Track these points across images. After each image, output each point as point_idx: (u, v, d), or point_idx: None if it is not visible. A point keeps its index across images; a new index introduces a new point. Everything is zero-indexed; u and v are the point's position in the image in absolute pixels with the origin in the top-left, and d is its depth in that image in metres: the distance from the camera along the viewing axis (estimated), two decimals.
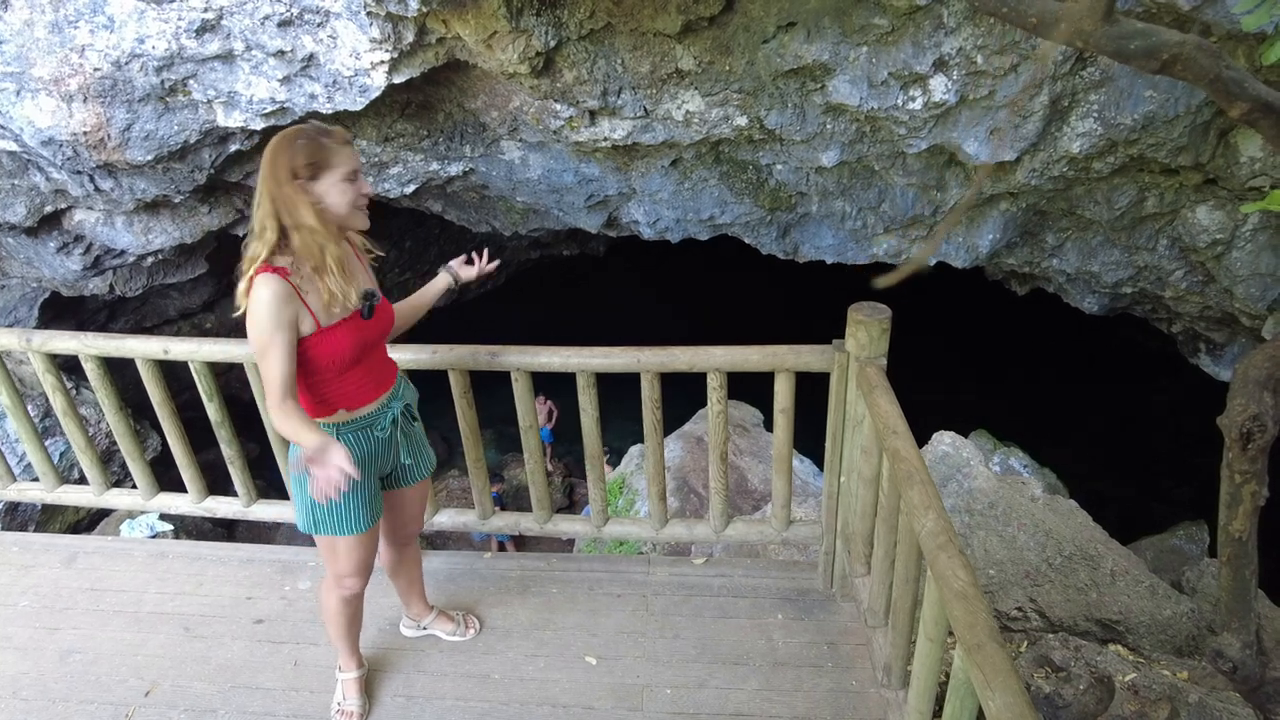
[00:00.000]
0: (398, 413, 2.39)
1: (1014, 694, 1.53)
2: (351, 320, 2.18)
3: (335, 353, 2.15)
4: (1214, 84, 2.01)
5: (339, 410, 2.26)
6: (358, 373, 2.25)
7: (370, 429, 2.32)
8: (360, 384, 2.27)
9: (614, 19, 4.00)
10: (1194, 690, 2.70)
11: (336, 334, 2.15)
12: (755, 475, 5.95)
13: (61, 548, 3.56)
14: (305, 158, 2.01)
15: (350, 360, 2.20)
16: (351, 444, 2.27)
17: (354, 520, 2.34)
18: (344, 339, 2.16)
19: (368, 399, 2.30)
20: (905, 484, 2.12)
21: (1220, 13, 3.30)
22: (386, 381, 2.37)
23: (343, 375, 2.22)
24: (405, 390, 2.48)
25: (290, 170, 2.01)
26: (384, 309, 2.31)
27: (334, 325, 2.14)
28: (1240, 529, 2.80)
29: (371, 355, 2.29)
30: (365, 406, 2.30)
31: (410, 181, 5.74)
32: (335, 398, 2.24)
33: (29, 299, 7.01)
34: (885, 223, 5.37)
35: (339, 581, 2.47)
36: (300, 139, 2.02)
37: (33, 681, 2.87)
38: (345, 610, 2.56)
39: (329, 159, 2.04)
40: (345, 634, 2.63)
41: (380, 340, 2.33)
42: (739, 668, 2.82)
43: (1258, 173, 3.92)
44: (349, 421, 2.28)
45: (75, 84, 4.36)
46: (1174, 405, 10.14)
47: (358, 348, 2.20)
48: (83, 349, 3.12)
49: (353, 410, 2.28)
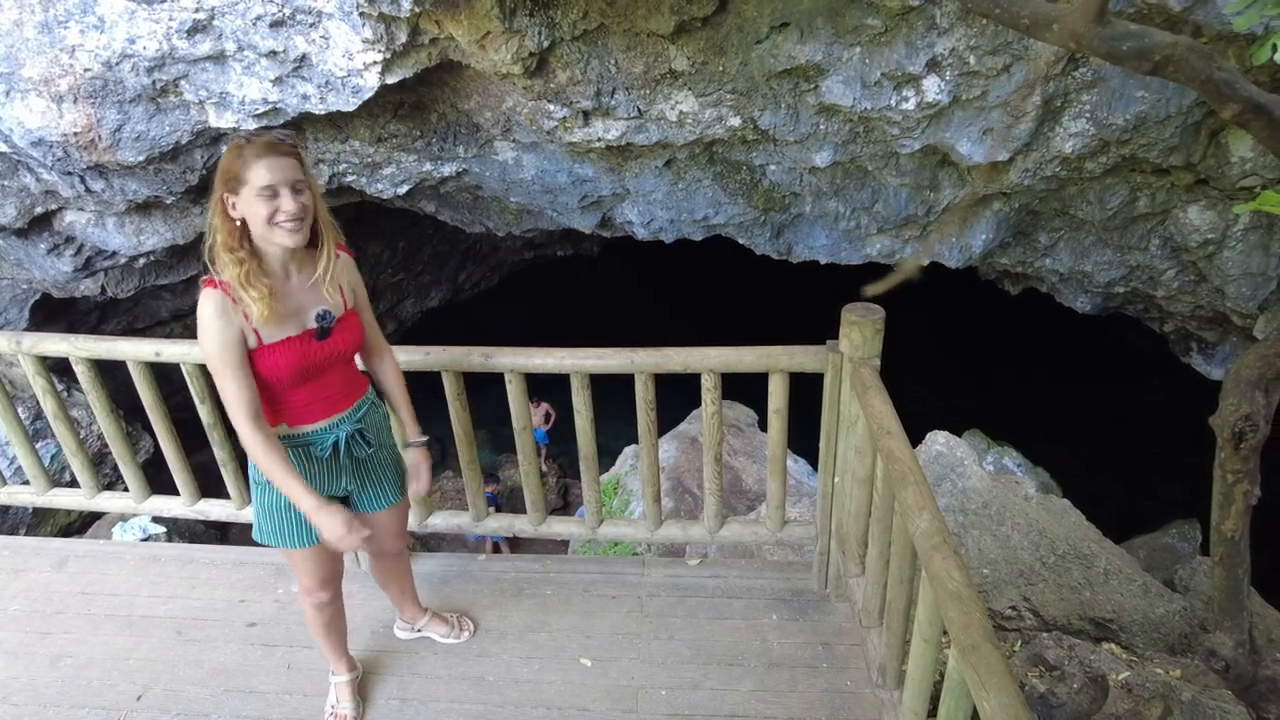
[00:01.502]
0: (343, 437, 2.28)
1: (1009, 694, 1.53)
2: (299, 340, 2.11)
3: (273, 371, 2.09)
4: (1206, 85, 2.02)
5: (281, 424, 2.21)
6: (305, 392, 2.18)
7: (307, 448, 2.25)
8: (306, 403, 2.20)
9: (607, 19, 4.00)
10: (1187, 688, 2.71)
11: (276, 353, 2.08)
12: (749, 476, 5.95)
13: (52, 551, 3.54)
14: (224, 169, 1.97)
15: (291, 379, 2.12)
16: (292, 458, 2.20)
17: (298, 535, 2.30)
18: (283, 359, 2.09)
19: (311, 419, 2.23)
20: (899, 484, 2.12)
21: (1211, 14, 3.31)
22: (339, 404, 2.28)
23: (287, 392, 2.16)
24: (368, 415, 2.38)
25: (218, 180, 1.99)
26: (346, 331, 2.22)
27: (276, 344, 2.08)
28: (1233, 528, 2.81)
29: (324, 376, 2.20)
30: (306, 426, 2.23)
31: (403, 182, 5.73)
32: (278, 410, 2.19)
33: (19, 301, 6.97)
34: (879, 223, 5.38)
35: (306, 591, 2.47)
36: (231, 148, 1.97)
37: (23, 686, 2.84)
38: (319, 617, 2.54)
39: (243, 172, 1.94)
40: (325, 639, 2.62)
41: (337, 362, 2.23)
42: (734, 668, 2.81)
43: (1248, 173, 3.94)
44: (289, 437, 2.22)
45: (65, 84, 4.34)
46: (1166, 404, 10.19)
47: (299, 368, 2.12)
48: (74, 351, 3.10)
49: (293, 426, 2.22)
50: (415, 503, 3.25)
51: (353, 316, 2.27)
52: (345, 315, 2.24)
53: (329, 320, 2.17)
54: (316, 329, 2.14)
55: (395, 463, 2.53)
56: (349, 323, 2.25)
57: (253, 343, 2.06)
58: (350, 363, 2.33)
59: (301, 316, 2.13)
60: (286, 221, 1.98)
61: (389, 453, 2.50)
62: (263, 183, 1.93)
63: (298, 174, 2.00)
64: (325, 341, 2.16)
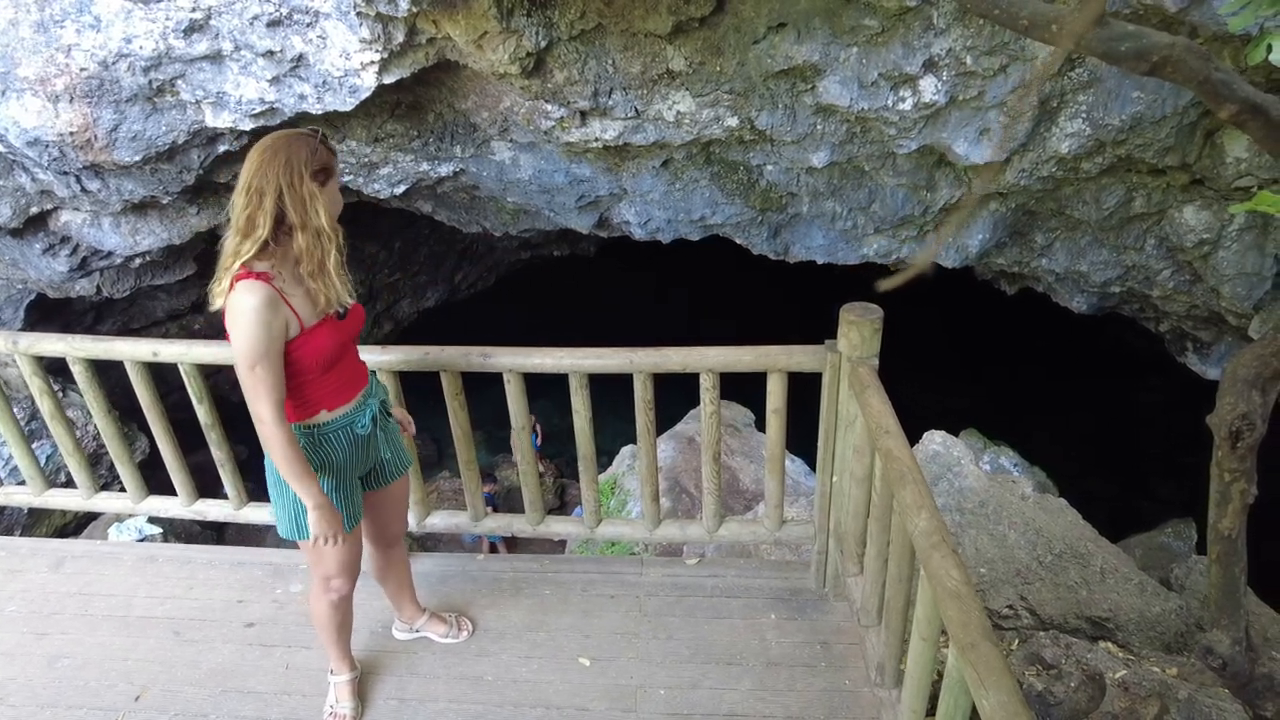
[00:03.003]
0: (375, 409, 2.40)
1: (1008, 692, 1.53)
2: (330, 320, 2.20)
3: (319, 352, 2.16)
4: (1203, 85, 2.03)
5: (320, 411, 2.27)
6: (336, 373, 2.26)
7: (351, 427, 2.33)
8: (339, 384, 2.28)
9: (605, 19, 4.00)
10: (1184, 686, 2.72)
11: (319, 334, 2.16)
12: (747, 475, 5.95)
13: (49, 552, 3.53)
14: (321, 161, 2.05)
15: (328, 361, 2.21)
16: (334, 444, 2.30)
17: (350, 518, 2.37)
18: (326, 339, 2.17)
19: (346, 398, 2.31)
20: (898, 483, 2.12)
21: (1207, 14, 3.33)
22: (361, 380, 2.39)
23: (323, 375, 2.23)
24: (378, 388, 2.51)
25: (310, 170, 2.02)
26: (356, 310, 2.32)
27: (316, 325, 2.15)
28: (1229, 527, 2.82)
29: (347, 355, 2.32)
30: (344, 405, 2.30)
31: (400, 182, 5.72)
32: (316, 398, 2.25)
33: (15, 301, 6.95)
34: (875, 223, 5.39)
35: (326, 584, 2.47)
36: (312, 141, 2.05)
37: (21, 687, 2.84)
38: (335, 615, 2.55)
39: (334, 166, 2.11)
40: (336, 638, 2.62)
41: (353, 340, 2.35)
42: (732, 668, 2.82)
43: (1244, 173, 3.95)
44: (330, 421, 2.29)
45: (61, 84, 4.33)
46: (1162, 404, 10.22)
47: (337, 348, 2.21)
48: (70, 351, 3.10)
49: (333, 410, 2.28)
50: (413, 502, 3.25)
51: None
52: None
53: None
54: (337, 310, 2.20)
55: (398, 430, 2.63)
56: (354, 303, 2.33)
57: (294, 331, 2.10)
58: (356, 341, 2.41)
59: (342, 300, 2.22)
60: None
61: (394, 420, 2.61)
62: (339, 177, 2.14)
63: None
64: (344, 321, 2.24)
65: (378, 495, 2.57)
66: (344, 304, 2.21)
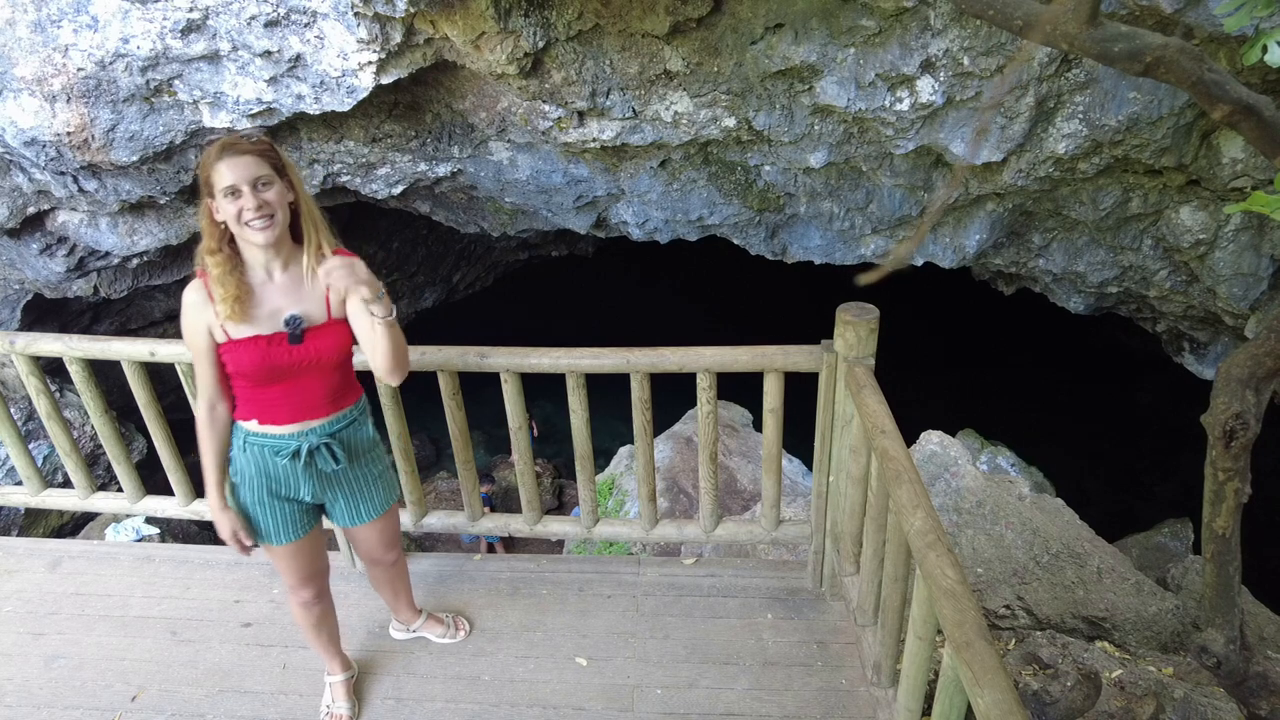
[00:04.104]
0: (308, 446, 2.24)
1: (1003, 691, 1.54)
2: (266, 340, 2.11)
3: (235, 366, 2.14)
4: (1196, 86, 2.03)
5: (253, 419, 2.23)
6: (275, 392, 2.19)
7: (271, 450, 2.24)
8: (275, 404, 2.20)
9: (602, 20, 4.00)
10: (1179, 686, 2.73)
11: (239, 350, 2.11)
12: (744, 475, 5.96)
13: (46, 552, 3.53)
14: (200, 175, 2.05)
15: (256, 377, 2.14)
16: (253, 457, 2.25)
17: (272, 533, 2.34)
18: (245, 356, 2.11)
19: (280, 420, 2.22)
20: (894, 483, 2.13)
21: (1202, 15, 3.33)
22: (313, 412, 2.24)
23: (258, 388, 2.18)
24: (347, 431, 2.33)
25: (203, 180, 2.04)
26: (323, 339, 2.18)
27: (240, 340, 2.11)
28: (1224, 526, 2.82)
29: (297, 380, 2.18)
30: (276, 426, 2.22)
31: (398, 182, 5.72)
32: (251, 405, 2.23)
33: (11, 301, 6.94)
34: (873, 223, 5.39)
35: (289, 589, 2.49)
36: (210, 150, 2.03)
37: (17, 688, 2.84)
38: (306, 616, 2.55)
39: (210, 175, 2.00)
40: (315, 639, 2.63)
41: (314, 369, 2.18)
42: (729, 667, 2.82)
43: (1239, 174, 3.96)
44: (256, 434, 2.24)
45: (58, 84, 4.32)
46: (1158, 404, 10.25)
47: (261, 368, 2.12)
48: (68, 351, 3.10)
49: (262, 425, 2.23)
50: (410, 503, 3.25)
51: (336, 326, 2.21)
52: (325, 324, 2.19)
53: (298, 325, 2.13)
54: (288, 333, 2.14)
55: (379, 480, 2.47)
56: (329, 332, 2.19)
57: (220, 337, 2.13)
58: (336, 372, 2.26)
59: (276, 318, 2.13)
60: (253, 219, 2.00)
61: (370, 470, 2.44)
62: (225, 183, 1.97)
63: (260, 170, 2.00)
64: (297, 347, 2.15)
65: (347, 529, 2.52)
66: (244, 321, 2.08)
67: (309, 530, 2.41)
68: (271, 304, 2.13)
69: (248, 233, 2.02)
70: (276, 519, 2.32)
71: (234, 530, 2.28)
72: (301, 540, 2.38)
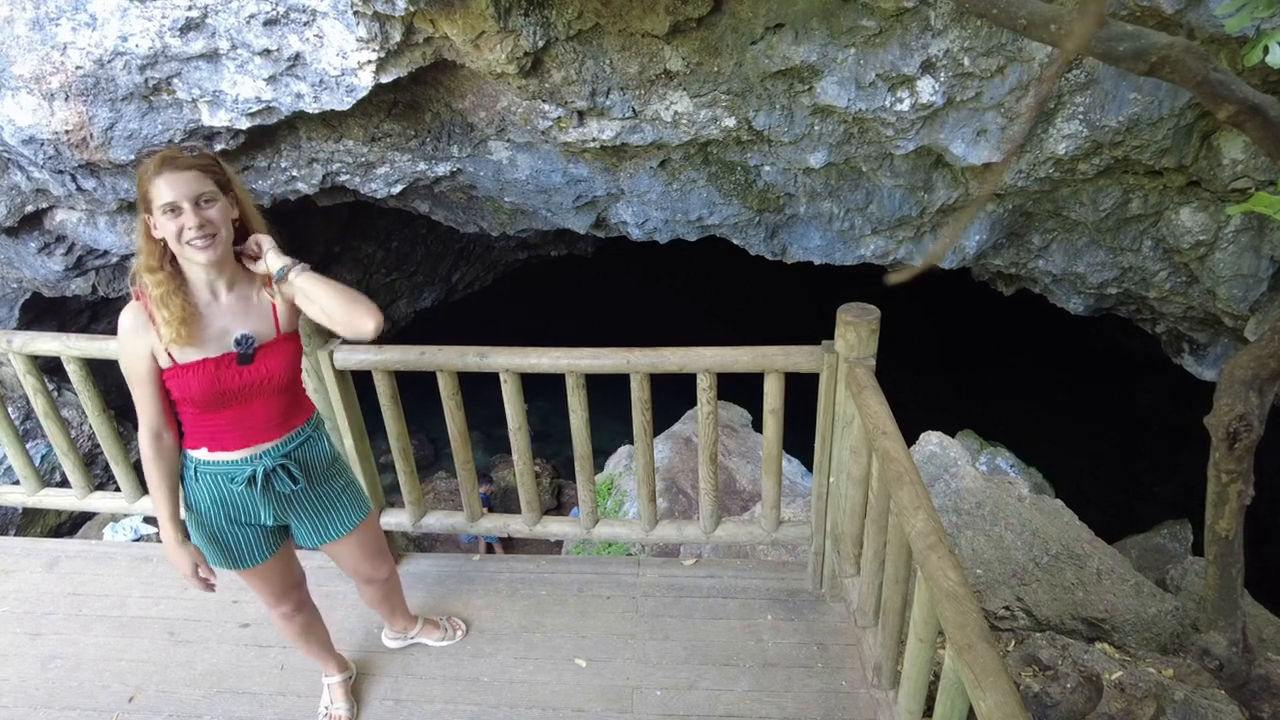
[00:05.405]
0: (263, 470, 2.15)
1: (1005, 693, 1.53)
2: (215, 363, 2.02)
3: (183, 392, 2.02)
4: (1201, 86, 2.03)
5: (202, 447, 2.13)
6: (224, 418, 2.09)
7: (225, 477, 2.14)
8: (225, 430, 2.10)
9: (602, 19, 4.00)
10: (1180, 688, 2.72)
11: (186, 375, 2.00)
12: (744, 476, 5.95)
13: (43, 552, 3.51)
14: (137, 189, 1.94)
15: (205, 403, 2.04)
16: (205, 487, 2.16)
17: (235, 559, 2.26)
18: (194, 381, 2.01)
19: (230, 447, 2.12)
20: (895, 484, 2.12)
21: (1203, 16, 3.33)
22: (265, 434, 2.16)
23: (206, 415, 2.08)
24: (302, 449, 2.24)
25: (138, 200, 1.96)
26: (273, 358, 2.10)
27: (187, 365, 2.00)
28: (1227, 528, 2.82)
29: (247, 404, 2.09)
30: (227, 452, 2.13)
31: (397, 182, 5.71)
32: (199, 433, 2.11)
33: (9, 300, 6.92)
34: (873, 224, 5.39)
35: (269, 606, 2.45)
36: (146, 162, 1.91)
37: (14, 688, 2.82)
38: (289, 628, 2.51)
39: (148, 190, 1.89)
40: (304, 647, 2.60)
41: (264, 391, 2.10)
42: (729, 669, 2.81)
43: (1239, 175, 3.96)
44: (208, 462, 2.13)
45: (57, 82, 4.31)
46: (1158, 405, 10.25)
47: (211, 392, 2.02)
48: (65, 350, 3.08)
49: (212, 452, 2.13)
50: (409, 503, 3.24)
51: (286, 342, 2.14)
52: (275, 341, 2.11)
53: (249, 345, 2.05)
54: (237, 354, 2.04)
55: (342, 494, 2.37)
56: (278, 349, 2.11)
57: (164, 362, 2.01)
58: (285, 394, 2.18)
59: (224, 339, 2.04)
60: (195, 239, 1.90)
61: (332, 485, 2.35)
62: (163, 200, 1.87)
63: (202, 186, 1.91)
64: (247, 368, 2.06)
65: (321, 548, 2.41)
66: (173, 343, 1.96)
67: (276, 549, 2.32)
68: (218, 325, 2.03)
69: (188, 251, 1.92)
70: (240, 544, 2.24)
71: (194, 565, 2.14)
72: (270, 560, 2.31)
